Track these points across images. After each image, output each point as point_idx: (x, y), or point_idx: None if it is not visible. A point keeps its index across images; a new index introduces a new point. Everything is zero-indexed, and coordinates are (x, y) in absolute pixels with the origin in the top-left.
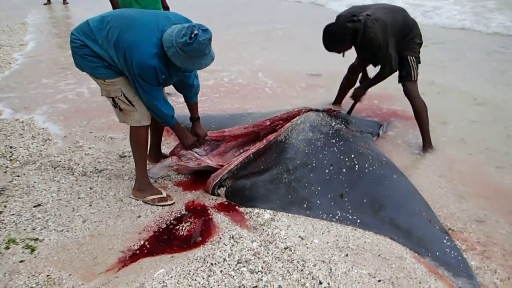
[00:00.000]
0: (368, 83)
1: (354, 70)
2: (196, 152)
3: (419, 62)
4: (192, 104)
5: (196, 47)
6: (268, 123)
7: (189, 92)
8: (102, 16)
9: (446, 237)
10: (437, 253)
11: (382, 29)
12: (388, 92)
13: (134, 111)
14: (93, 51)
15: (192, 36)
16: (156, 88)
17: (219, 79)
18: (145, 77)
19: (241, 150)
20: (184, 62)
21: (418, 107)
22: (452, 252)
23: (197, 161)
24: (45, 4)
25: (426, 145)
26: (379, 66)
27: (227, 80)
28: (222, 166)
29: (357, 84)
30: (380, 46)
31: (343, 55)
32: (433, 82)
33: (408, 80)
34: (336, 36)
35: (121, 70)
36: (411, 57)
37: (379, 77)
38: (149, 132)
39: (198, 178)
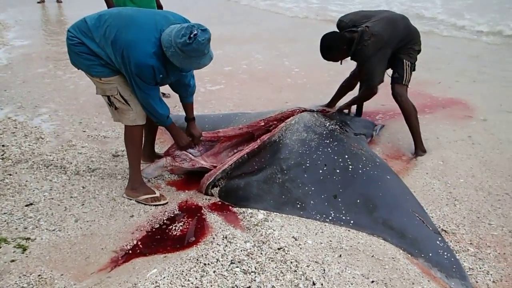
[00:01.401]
0: (352, 100)
1: (356, 76)
2: (190, 153)
3: (414, 70)
4: (187, 104)
5: (195, 47)
6: (263, 123)
7: (185, 91)
8: (100, 14)
9: (439, 238)
10: (430, 254)
11: (375, 44)
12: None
13: (129, 110)
14: (90, 49)
15: (192, 36)
16: (152, 87)
17: (237, 66)
18: (142, 76)
19: (235, 150)
20: (183, 62)
21: (407, 111)
22: (445, 253)
23: (192, 162)
24: (38, 3)
25: (418, 147)
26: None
27: (245, 68)
28: (216, 167)
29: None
30: (368, 60)
31: (340, 63)
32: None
33: (398, 83)
34: (331, 46)
35: (117, 68)
36: (406, 61)
37: (361, 95)
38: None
39: (192, 177)
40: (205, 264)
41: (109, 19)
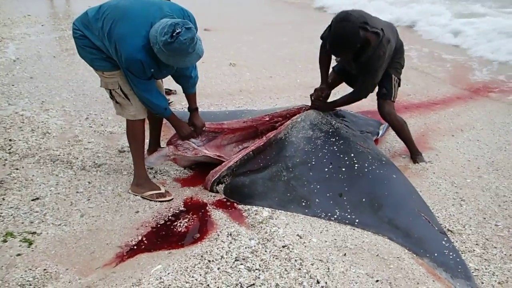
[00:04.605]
0: (338, 102)
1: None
2: (193, 142)
3: (399, 85)
4: (190, 95)
5: (177, 46)
6: (267, 118)
7: (187, 83)
8: (100, 6)
9: (445, 239)
10: (436, 254)
11: (388, 53)
12: None
13: (129, 105)
14: (92, 42)
15: (174, 34)
16: (145, 81)
17: None
18: (133, 70)
19: (240, 146)
20: (168, 59)
21: (397, 126)
22: (451, 253)
23: (194, 151)
24: None
25: (414, 154)
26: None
27: None
28: (219, 156)
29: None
30: (376, 71)
31: (336, 60)
32: None
33: (386, 100)
34: (350, 40)
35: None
36: (395, 76)
37: (352, 99)
38: (148, 127)
39: (197, 174)
40: (209, 261)
41: (106, 11)
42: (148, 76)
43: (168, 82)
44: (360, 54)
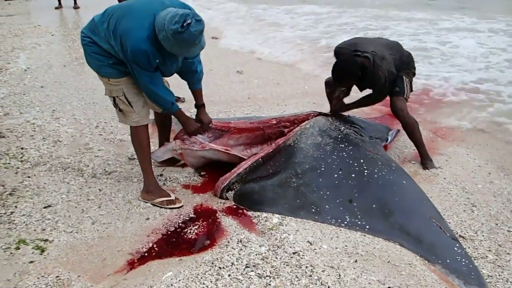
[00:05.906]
0: (353, 105)
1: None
2: (200, 138)
3: (411, 90)
4: (196, 91)
5: (186, 37)
6: (274, 122)
7: (192, 78)
8: (105, 10)
9: (457, 245)
10: (448, 261)
11: (388, 67)
12: None
13: (132, 112)
14: (100, 48)
15: (184, 25)
16: (151, 74)
17: None
18: (139, 62)
19: (248, 151)
20: (173, 47)
21: (409, 125)
22: (463, 260)
23: (201, 144)
24: (56, 8)
25: (425, 159)
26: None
27: None
28: (227, 150)
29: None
30: (384, 83)
31: (348, 92)
32: None
33: (399, 96)
34: (349, 69)
35: (125, 70)
36: (406, 78)
37: (368, 102)
38: (157, 132)
39: (207, 181)
40: (220, 268)
41: (111, 13)
42: (153, 67)
43: (177, 90)
44: (362, 79)
